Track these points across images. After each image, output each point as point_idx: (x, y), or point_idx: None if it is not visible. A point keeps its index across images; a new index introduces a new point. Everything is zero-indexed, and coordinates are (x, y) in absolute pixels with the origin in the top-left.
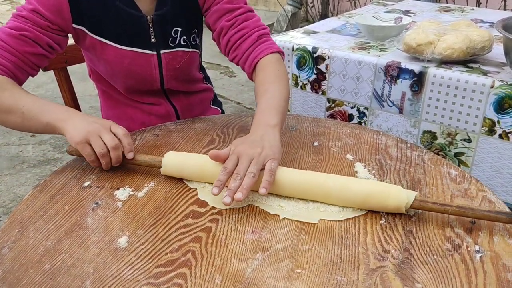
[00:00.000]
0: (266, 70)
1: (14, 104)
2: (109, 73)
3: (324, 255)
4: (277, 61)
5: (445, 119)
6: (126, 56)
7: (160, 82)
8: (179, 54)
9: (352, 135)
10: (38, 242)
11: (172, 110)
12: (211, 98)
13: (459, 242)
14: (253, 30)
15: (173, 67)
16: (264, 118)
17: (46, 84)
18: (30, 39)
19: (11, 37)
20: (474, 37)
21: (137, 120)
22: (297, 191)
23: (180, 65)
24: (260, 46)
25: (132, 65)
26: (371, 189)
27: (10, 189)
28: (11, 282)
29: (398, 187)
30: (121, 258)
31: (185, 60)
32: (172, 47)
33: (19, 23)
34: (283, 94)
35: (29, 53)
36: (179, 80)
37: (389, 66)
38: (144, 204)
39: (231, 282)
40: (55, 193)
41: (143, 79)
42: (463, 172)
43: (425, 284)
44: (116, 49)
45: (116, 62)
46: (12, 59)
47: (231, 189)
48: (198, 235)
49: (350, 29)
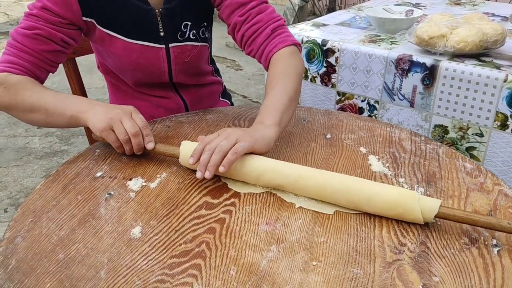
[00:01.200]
0: (276, 66)
1: (37, 102)
2: (117, 66)
3: (339, 248)
4: (290, 54)
5: (457, 113)
6: (134, 50)
7: (169, 76)
8: (188, 48)
9: (365, 128)
10: (52, 232)
11: (181, 103)
12: (221, 91)
13: (476, 236)
14: (267, 24)
15: (181, 61)
16: (261, 117)
17: (52, 76)
18: (44, 37)
19: (26, 37)
20: (487, 30)
21: (146, 113)
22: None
23: (189, 59)
24: (274, 40)
25: (140, 58)
26: (394, 205)
27: (17, 180)
28: (25, 271)
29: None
30: (135, 248)
31: (194, 54)
32: (181, 40)
33: (31, 22)
34: (289, 90)
35: (45, 51)
36: (188, 74)
37: (400, 59)
38: (157, 194)
39: (246, 273)
40: (68, 183)
41: (151, 72)
42: (479, 165)
43: (443, 278)
44: (125, 43)
45: (125, 55)
46: (30, 59)
47: (200, 163)
48: (212, 226)
49: (360, 21)
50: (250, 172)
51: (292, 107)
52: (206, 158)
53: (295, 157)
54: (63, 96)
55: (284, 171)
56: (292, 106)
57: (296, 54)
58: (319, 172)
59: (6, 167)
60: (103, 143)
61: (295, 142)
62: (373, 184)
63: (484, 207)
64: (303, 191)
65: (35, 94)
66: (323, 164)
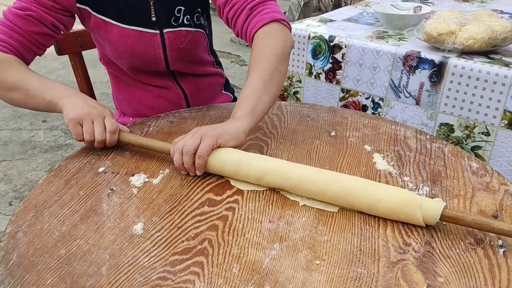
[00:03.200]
0: (253, 51)
1: (19, 82)
2: (114, 55)
3: (343, 247)
4: (267, 34)
5: (464, 111)
6: (129, 36)
7: (165, 63)
8: (183, 34)
9: (369, 126)
10: (53, 227)
11: (181, 93)
12: (222, 83)
13: (481, 237)
14: (245, 3)
15: (177, 47)
16: (234, 110)
17: (57, 70)
18: (35, 19)
19: (17, 17)
20: (496, 27)
21: (147, 104)
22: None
23: (185, 45)
24: (253, 20)
25: (135, 44)
26: (395, 211)
27: (22, 173)
28: (26, 266)
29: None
30: (137, 245)
31: (189, 39)
32: (175, 26)
33: (24, 3)
34: (263, 75)
35: (35, 32)
36: (185, 61)
37: (408, 55)
38: (160, 191)
39: (248, 271)
40: (70, 178)
41: (147, 59)
42: (485, 165)
43: (448, 278)
44: (119, 28)
45: (120, 42)
46: (19, 39)
47: (176, 164)
48: (215, 224)
49: (367, 17)
50: (251, 173)
51: (269, 91)
52: (178, 159)
53: (299, 154)
54: (47, 81)
55: (285, 174)
56: (268, 91)
57: (277, 30)
58: (321, 174)
59: (11, 160)
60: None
61: (299, 139)
62: (374, 188)
63: (490, 207)
64: (305, 194)
65: (19, 73)
66: (327, 162)
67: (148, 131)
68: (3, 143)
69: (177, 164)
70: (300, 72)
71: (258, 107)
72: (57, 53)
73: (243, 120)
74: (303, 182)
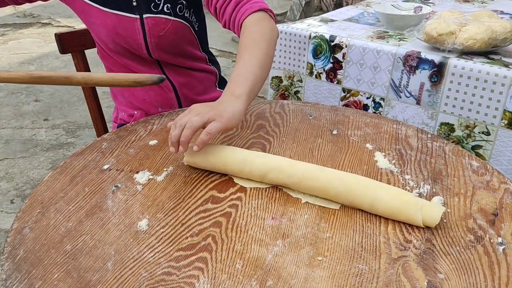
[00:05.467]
0: (243, 35)
1: None
2: (102, 41)
3: (345, 243)
4: (257, 21)
5: (464, 111)
6: (110, 18)
7: (146, 50)
8: (162, 21)
9: (371, 125)
10: (59, 223)
11: (169, 84)
12: (215, 81)
13: (481, 234)
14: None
15: (156, 34)
16: (230, 87)
17: (59, 69)
18: None
19: None
20: (496, 28)
21: (139, 96)
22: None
23: (164, 33)
24: (242, 8)
25: (117, 28)
26: (396, 212)
27: (24, 172)
28: (33, 262)
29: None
30: (142, 240)
31: (169, 28)
32: (154, 12)
33: None
34: (258, 58)
35: None
36: (168, 52)
37: (409, 56)
38: (164, 188)
39: (251, 267)
40: (75, 175)
41: (129, 44)
42: (485, 164)
43: (448, 275)
44: (101, 12)
45: (103, 25)
46: None
47: (171, 137)
48: (218, 220)
49: (368, 17)
50: (255, 171)
51: (263, 75)
52: (177, 134)
53: (301, 152)
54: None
55: (288, 171)
56: (263, 75)
57: (264, 19)
58: (323, 172)
59: (13, 159)
60: (110, 137)
61: (301, 138)
62: (376, 187)
63: (490, 205)
64: (307, 191)
65: None
66: (329, 160)
67: (152, 129)
68: (5, 141)
69: (174, 139)
70: (301, 71)
71: (254, 89)
72: (60, 51)
73: (243, 101)
74: (305, 179)
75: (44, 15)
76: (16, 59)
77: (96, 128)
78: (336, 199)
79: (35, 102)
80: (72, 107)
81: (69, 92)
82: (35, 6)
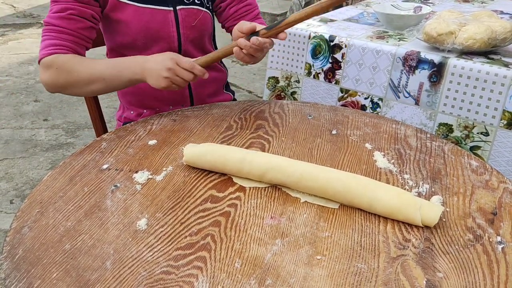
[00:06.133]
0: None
1: (94, 75)
2: (126, 40)
3: (344, 242)
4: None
5: (463, 111)
6: (145, 13)
7: (178, 42)
8: (194, 12)
9: (370, 124)
10: (58, 223)
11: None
12: (225, 82)
13: (480, 233)
14: (256, 7)
15: (189, 25)
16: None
17: None
18: (77, 16)
19: (61, 19)
20: (496, 28)
21: (151, 94)
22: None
23: (196, 24)
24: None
25: (150, 22)
26: (394, 212)
27: (23, 172)
28: (32, 261)
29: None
30: (141, 240)
31: (199, 18)
32: (187, 3)
33: (62, 5)
34: None
35: (81, 28)
36: (194, 44)
37: (408, 55)
38: (163, 187)
39: (250, 266)
40: (74, 175)
41: (161, 38)
42: (484, 163)
43: (447, 274)
44: (135, 8)
45: (135, 21)
46: (70, 39)
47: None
48: (217, 220)
49: (367, 17)
50: (254, 171)
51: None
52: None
53: (300, 152)
54: (113, 62)
55: (287, 171)
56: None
57: None
58: (322, 171)
59: (12, 159)
60: (110, 137)
61: (300, 138)
62: (375, 187)
63: (489, 205)
64: (306, 190)
65: (88, 68)
66: (328, 160)
67: (151, 129)
68: (4, 141)
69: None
70: (299, 72)
71: None
72: None
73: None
74: (305, 179)
75: (44, 15)
76: (16, 59)
77: (95, 128)
78: (335, 199)
79: (35, 102)
80: (71, 107)
81: None
82: (35, 6)
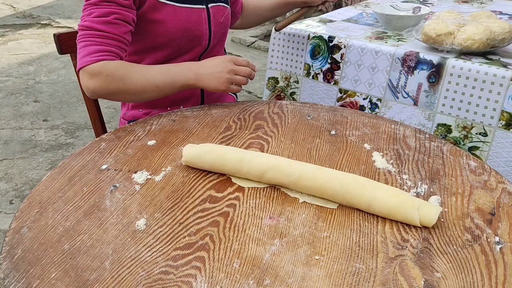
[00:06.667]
0: None
1: (147, 83)
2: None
3: (342, 243)
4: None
5: (462, 112)
6: (182, 13)
7: (208, 38)
8: (221, 8)
9: (369, 125)
10: (57, 223)
11: None
12: None
13: (478, 233)
14: None
15: (218, 22)
16: None
17: (58, 70)
18: (122, 20)
19: (106, 24)
20: (495, 28)
21: None
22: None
23: (223, 20)
24: None
25: (187, 22)
26: (393, 212)
27: (22, 172)
28: (31, 261)
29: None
30: (140, 240)
31: (226, 15)
32: (215, 1)
33: (106, 9)
34: None
35: (125, 32)
36: (217, 41)
37: (407, 56)
38: (162, 188)
39: (249, 266)
40: (73, 175)
41: (195, 37)
42: (483, 163)
43: (445, 274)
44: (174, 8)
45: (173, 21)
46: (115, 44)
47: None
48: (216, 220)
49: (367, 18)
50: (253, 171)
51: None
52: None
53: (299, 152)
54: (165, 69)
55: (286, 171)
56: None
57: None
58: (321, 171)
59: (12, 159)
60: (109, 137)
61: (299, 138)
62: (374, 187)
63: (487, 205)
64: (305, 190)
65: (141, 75)
66: (327, 160)
67: (150, 129)
68: (4, 142)
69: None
70: (298, 72)
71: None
72: (59, 52)
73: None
74: (303, 179)
75: (44, 16)
76: (15, 59)
77: (95, 128)
78: (334, 199)
79: (35, 102)
80: (71, 107)
81: (68, 93)
82: (35, 7)
